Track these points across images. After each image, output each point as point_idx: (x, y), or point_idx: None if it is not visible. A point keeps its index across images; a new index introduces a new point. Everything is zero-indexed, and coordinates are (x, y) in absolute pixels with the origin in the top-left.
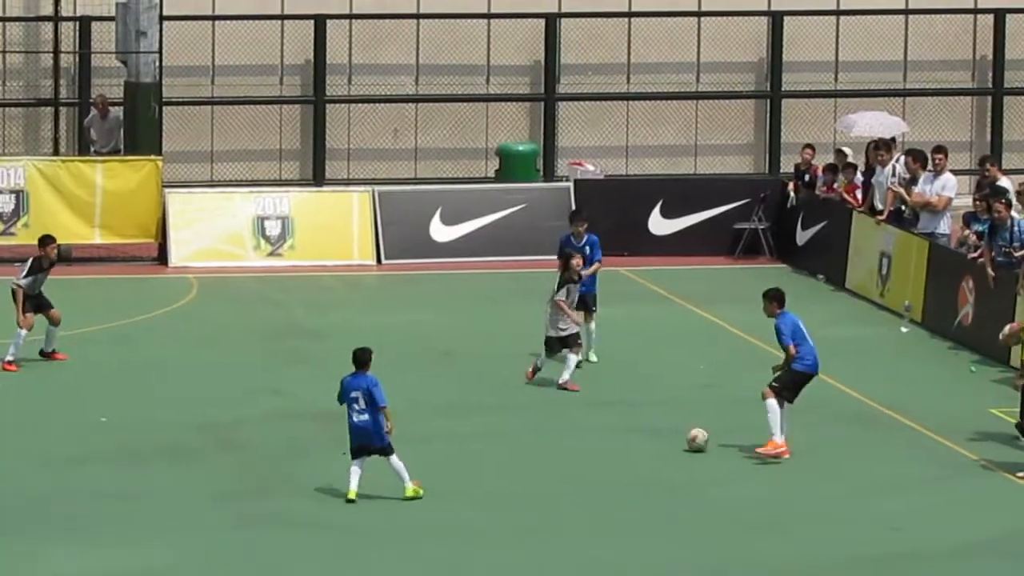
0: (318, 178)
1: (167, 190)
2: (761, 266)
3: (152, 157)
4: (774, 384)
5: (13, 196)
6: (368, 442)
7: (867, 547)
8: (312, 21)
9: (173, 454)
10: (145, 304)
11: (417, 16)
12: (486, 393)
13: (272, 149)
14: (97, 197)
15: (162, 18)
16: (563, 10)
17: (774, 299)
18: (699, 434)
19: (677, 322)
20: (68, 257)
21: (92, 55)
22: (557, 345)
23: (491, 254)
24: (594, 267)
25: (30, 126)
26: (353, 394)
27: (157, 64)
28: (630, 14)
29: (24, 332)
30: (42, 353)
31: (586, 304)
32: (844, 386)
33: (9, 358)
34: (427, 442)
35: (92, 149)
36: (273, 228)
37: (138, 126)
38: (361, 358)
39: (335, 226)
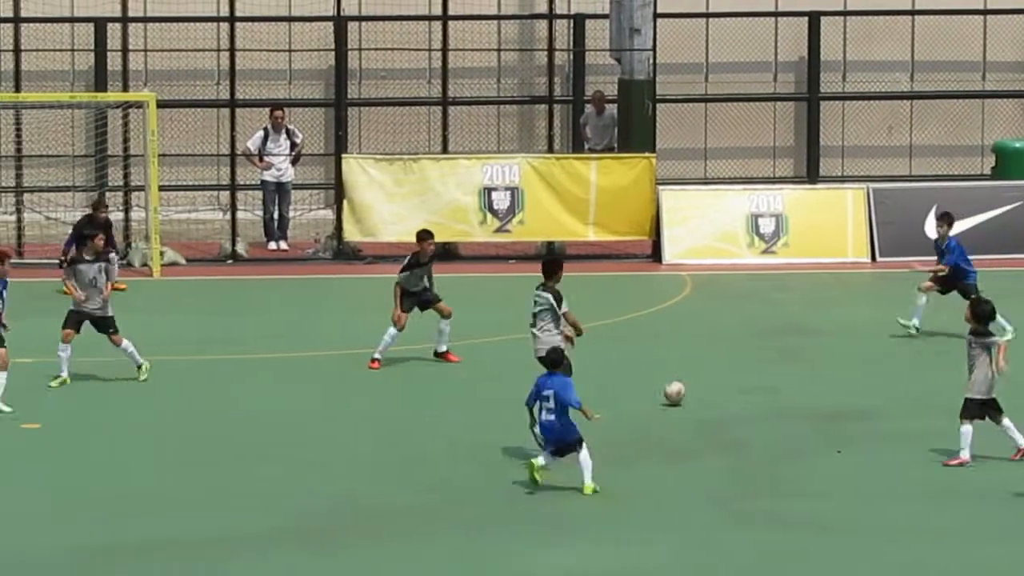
0: (812, 175)
1: (660, 187)
2: None
3: (646, 154)
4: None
5: (508, 193)
6: (558, 440)
7: None
8: (806, 18)
9: (665, 452)
10: (640, 301)
11: (912, 12)
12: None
13: (766, 146)
14: (591, 194)
15: (656, 15)
16: None
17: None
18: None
19: None
20: (562, 254)
21: (586, 53)
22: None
23: (987, 252)
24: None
25: (525, 124)
26: (545, 392)
27: (651, 61)
28: None
29: (394, 330)
30: (436, 354)
31: (965, 293)
32: None
33: (376, 355)
34: (918, 438)
35: (586, 146)
36: (767, 226)
37: (632, 123)
38: (553, 359)
39: (829, 224)
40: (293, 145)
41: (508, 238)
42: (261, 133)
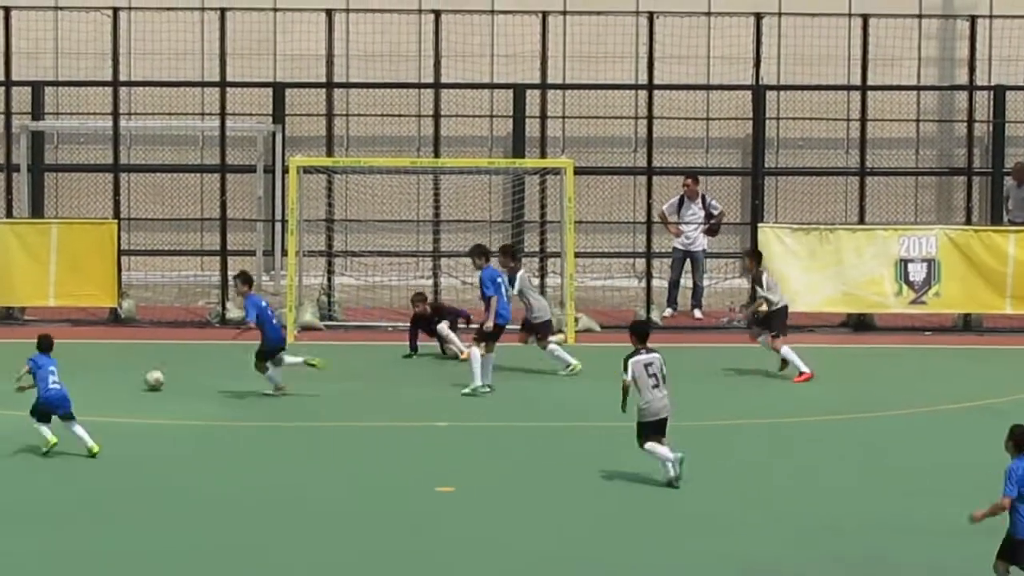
0: None
1: None
2: None
3: None
4: None
5: (924, 265)
6: (63, 407)
7: None
8: None
9: None
10: None
11: None
12: None
13: None
14: (1009, 267)
15: None
16: None
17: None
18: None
19: None
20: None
21: (1007, 124)
22: None
23: None
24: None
25: (943, 195)
26: (52, 368)
27: None
28: None
29: None
30: None
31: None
32: None
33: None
34: None
35: (1006, 218)
36: None
37: None
38: (46, 344)
39: None
40: (709, 216)
41: (923, 310)
42: (676, 200)
